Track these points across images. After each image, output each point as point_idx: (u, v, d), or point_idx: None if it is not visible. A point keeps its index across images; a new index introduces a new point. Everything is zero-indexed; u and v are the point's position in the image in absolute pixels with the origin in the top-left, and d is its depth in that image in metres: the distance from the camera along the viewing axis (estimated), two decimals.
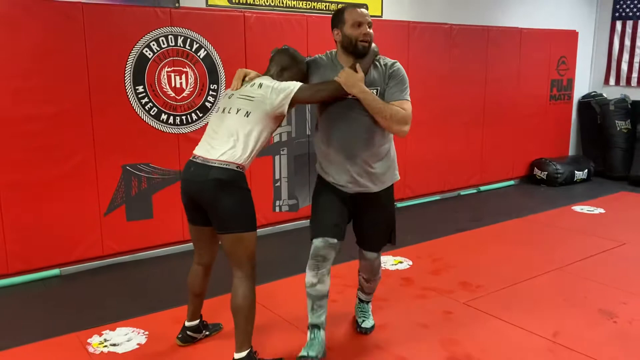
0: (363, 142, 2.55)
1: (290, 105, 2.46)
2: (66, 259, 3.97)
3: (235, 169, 2.41)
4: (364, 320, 3.02)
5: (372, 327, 3.00)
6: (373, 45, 2.60)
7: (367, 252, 2.80)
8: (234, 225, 2.43)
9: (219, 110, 2.56)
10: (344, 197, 2.63)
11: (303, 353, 2.55)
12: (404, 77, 2.58)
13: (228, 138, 2.43)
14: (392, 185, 2.76)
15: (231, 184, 2.40)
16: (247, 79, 2.60)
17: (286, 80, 2.53)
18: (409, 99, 2.57)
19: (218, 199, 2.39)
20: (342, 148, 2.56)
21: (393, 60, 2.64)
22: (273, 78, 2.57)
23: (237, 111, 2.47)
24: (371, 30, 2.54)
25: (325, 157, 2.65)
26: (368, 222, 2.74)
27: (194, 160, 2.48)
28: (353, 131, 2.54)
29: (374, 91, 2.53)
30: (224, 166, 2.39)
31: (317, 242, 2.57)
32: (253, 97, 2.48)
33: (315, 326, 2.63)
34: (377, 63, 2.60)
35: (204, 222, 2.56)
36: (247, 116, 2.44)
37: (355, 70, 2.46)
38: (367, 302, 3.08)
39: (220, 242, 2.60)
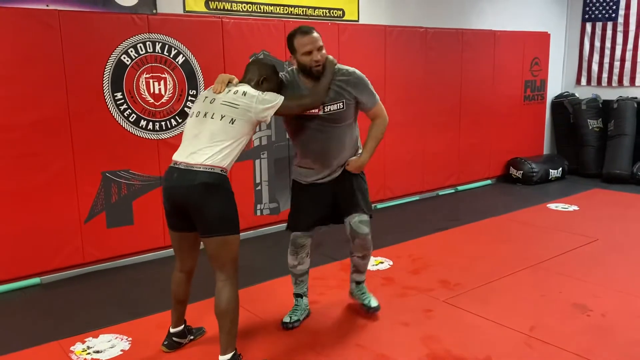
0: (336, 150, 2.90)
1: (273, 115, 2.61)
2: (46, 267, 3.94)
3: (220, 172, 2.46)
4: (369, 300, 3.21)
5: (378, 304, 3.22)
6: (330, 58, 2.81)
7: (360, 224, 2.97)
8: (219, 228, 2.47)
9: (199, 115, 2.57)
10: (320, 190, 2.97)
11: (286, 319, 3.06)
12: (366, 83, 2.88)
13: (212, 143, 2.47)
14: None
15: (217, 187, 2.44)
16: (231, 83, 2.67)
17: (265, 90, 2.65)
18: (379, 100, 2.93)
19: (204, 202, 2.43)
20: (318, 159, 2.90)
21: (350, 69, 2.87)
22: (252, 86, 2.65)
23: (222, 117, 2.51)
24: (323, 51, 2.75)
25: (299, 165, 2.99)
26: (349, 190, 2.99)
27: (176, 166, 2.50)
28: (327, 145, 2.86)
29: (340, 104, 2.80)
30: (210, 170, 2.43)
31: (296, 233, 3.05)
32: (238, 104, 2.53)
33: (298, 295, 3.20)
34: (336, 75, 2.82)
35: (187, 228, 2.58)
36: (232, 123, 2.50)
37: None
38: (363, 282, 3.28)
39: (202, 247, 2.62)
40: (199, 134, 2.52)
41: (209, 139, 2.48)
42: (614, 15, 7.43)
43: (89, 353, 2.85)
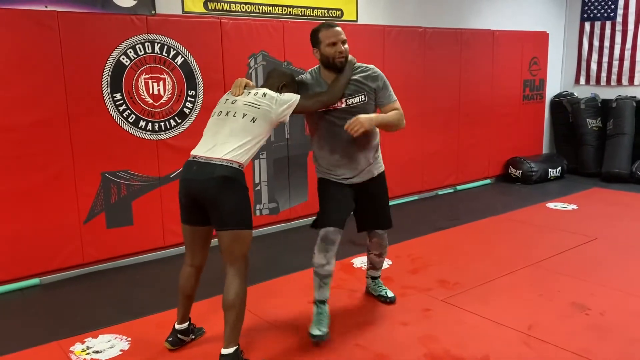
0: (362, 146, 2.94)
1: (292, 114, 2.72)
2: (46, 268, 3.95)
3: (238, 167, 2.54)
4: (386, 291, 3.40)
5: (394, 295, 3.38)
6: (350, 56, 2.91)
7: (381, 230, 3.16)
8: (234, 222, 2.54)
9: (221, 114, 2.69)
10: (347, 190, 2.98)
11: (315, 332, 2.85)
12: (385, 81, 2.97)
13: (233, 139, 2.56)
14: (382, 172, 3.13)
15: (235, 181, 2.52)
16: (247, 87, 2.80)
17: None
18: (396, 98, 3.02)
19: (222, 195, 2.50)
20: (345, 155, 2.92)
21: (369, 66, 2.97)
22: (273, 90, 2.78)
23: (243, 116, 2.62)
24: (346, 46, 2.84)
25: (328, 162, 2.98)
26: (374, 202, 3.08)
27: (196, 160, 2.57)
28: (352, 140, 2.86)
29: (362, 96, 2.89)
30: (228, 164, 2.51)
31: (329, 228, 2.87)
32: (259, 105, 2.65)
33: (322, 302, 2.96)
34: (355, 71, 2.92)
35: (200, 222, 2.65)
36: (254, 122, 2.61)
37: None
38: (379, 277, 3.46)
39: (213, 246, 2.65)
40: (220, 130, 2.62)
41: (229, 135, 2.58)
42: (612, 14, 7.44)
43: (88, 353, 2.85)
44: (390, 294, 3.40)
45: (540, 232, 4.87)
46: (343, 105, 2.87)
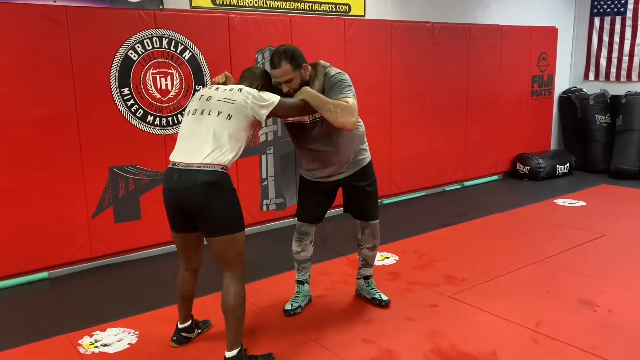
0: (332, 152, 2.92)
1: (268, 115, 2.59)
2: (54, 262, 3.98)
3: (221, 170, 2.43)
4: (380, 294, 3.32)
5: (389, 299, 3.33)
6: (321, 63, 2.87)
7: (371, 221, 3.17)
8: (224, 227, 2.45)
9: (196, 113, 2.53)
10: (324, 187, 3.07)
11: (287, 307, 3.18)
12: (342, 81, 2.80)
13: (210, 140, 2.43)
14: (367, 164, 3.09)
15: (219, 186, 2.41)
16: (227, 81, 2.73)
17: None
18: (351, 95, 2.77)
19: (208, 202, 2.40)
20: (316, 160, 2.96)
21: (335, 71, 2.85)
22: None
23: (218, 113, 2.47)
24: (293, 82, 2.76)
25: (306, 164, 3.07)
26: (359, 195, 3.10)
27: (176, 167, 2.46)
28: (322, 147, 2.90)
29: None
30: (210, 169, 2.39)
31: (301, 222, 3.18)
32: (234, 100, 2.50)
33: (300, 282, 3.31)
34: (325, 77, 2.84)
35: (189, 229, 2.58)
36: (229, 119, 2.47)
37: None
38: (371, 277, 3.39)
39: (206, 244, 2.63)
40: (197, 132, 2.48)
41: (206, 136, 2.44)
42: (622, 9, 7.37)
43: (96, 346, 2.87)
44: (384, 297, 3.28)
45: (548, 228, 4.84)
46: (308, 121, 2.85)
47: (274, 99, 2.57)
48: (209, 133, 2.44)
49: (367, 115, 3.02)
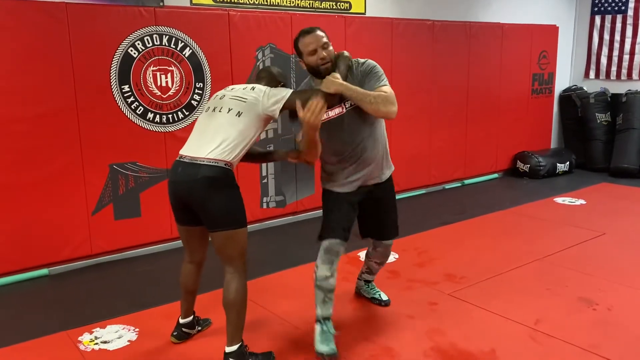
0: (370, 145, 2.72)
1: (281, 110, 2.55)
2: (54, 259, 3.98)
3: (224, 166, 2.44)
4: (380, 294, 3.30)
5: (389, 298, 3.29)
6: (345, 53, 2.71)
7: (386, 241, 3.02)
8: (225, 223, 2.46)
9: (208, 110, 2.59)
10: (353, 198, 2.78)
11: (324, 349, 2.64)
12: (376, 68, 2.68)
13: (217, 136, 2.46)
14: (391, 176, 2.93)
15: (220, 182, 2.42)
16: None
17: None
18: (388, 84, 2.64)
19: (208, 197, 2.42)
20: (344, 158, 2.71)
21: (364, 60, 2.73)
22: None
23: (229, 110, 2.51)
24: (329, 48, 2.60)
25: (331, 172, 2.78)
26: (379, 208, 2.91)
27: (181, 160, 2.50)
28: (350, 142, 2.68)
29: None
30: (213, 164, 2.41)
31: (333, 240, 2.71)
32: (245, 98, 2.53)
33: (326, 318, 2.72)
34: (351, 68, 2.69)
35: (194, 222, 2.59)
36: (239, 116, 2.49)
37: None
38: (373, 280, 3.36)
39: (210, 239, 2.63)
40: (206, 128, 2.53)
41: (214, 132, 2.48)
42: (623, 7, 7.37)
43: (96, 343, 2.88)
44: (384, 297, 3.28)
45: (548, 226, 4.85)
46: (344, 110, 2.62)
47: (285, 91, 2.57)
48: (218, 129, 2.48)
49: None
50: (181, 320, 2.88)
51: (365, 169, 2.74)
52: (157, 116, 4.28)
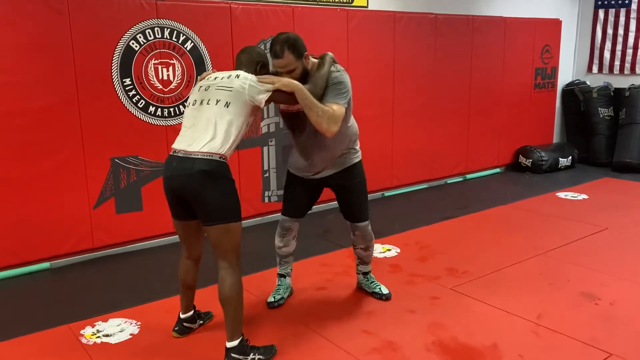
0: (317, 148, 2.88)
1: (267, 101, 2.57)
2: (56, 252, 3.98)
3: (219, 159, 2.43)
4: (380, 288, 3.31)
5: (389, 292, 3.31)
6: (330, 55, 2.81)
7: (358, 223, 3.11)
8: (220, 216, 2.46)
9: (195, 103, 2.56)
10: (309, 184, 3.05)
11: (270, 299, 3.19)
12: (341, 84, 2.72)
13: (209, 129, 2.45)
14: (355, 164, 3.03)
15: (216, 175, 2.42)
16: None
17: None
18: (342, 103, 2.69)
19: (203, 191, 2.41)
20: (305, 153, 2.93)
21: (340, 70, 2.79)
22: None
23: (217, 102, 2.49)
24: (295, 71, 2.70)
25: (294, 158, 3.04)
26: (347, 195, 3.08)
27: (175, 154, 2.49)
28: (307, 141, 2.87)
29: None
30: (208, 157, 2.41)
31: (284, 217, 3.16)
32: (231, 87, 2.51)
33: (281, 275, 3.31)
34: (331, 72, 2.76)
35: (189, 217, 2.59)
36: (227, 107, 2.48)
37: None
38: (370, 272, 3.36)
39: (205, 234, 2.63)
40: (196, 121, 2.51)
41: (206, 125, 2.47)
42: (627, 1, 7.32)
43: (98, 337, 2.88)
44: (385, 290, 3.29)
45: (550, 221, 4.84)
46: (297, 110, 2.76)
47: (268, 86, 2.56)
48: (209, 122, 2.47)
49: (369, 107, 3.01)
50: (182, 315, 2.88)
51: (317, 164, 2.93)
52: (159, 110, 4.27)
